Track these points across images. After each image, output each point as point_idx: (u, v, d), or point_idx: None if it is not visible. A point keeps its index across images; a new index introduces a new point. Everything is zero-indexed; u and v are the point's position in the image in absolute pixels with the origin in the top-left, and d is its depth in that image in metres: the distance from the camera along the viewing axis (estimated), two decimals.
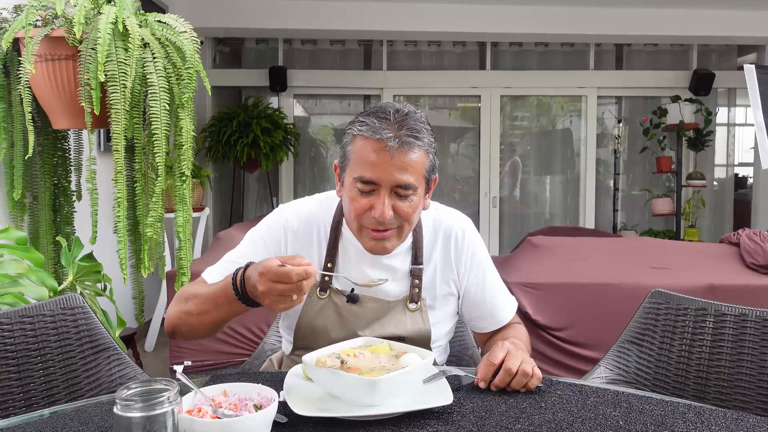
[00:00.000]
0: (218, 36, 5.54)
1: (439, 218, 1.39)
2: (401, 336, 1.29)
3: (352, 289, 1.30)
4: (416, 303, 1.32)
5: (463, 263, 1.37)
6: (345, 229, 1.33)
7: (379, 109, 1.23)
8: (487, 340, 1.44)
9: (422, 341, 1.31)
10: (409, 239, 1.34)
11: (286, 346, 1.43)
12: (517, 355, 1.13)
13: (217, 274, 1.30)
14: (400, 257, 1.33)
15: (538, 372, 1.12)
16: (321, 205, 1.38)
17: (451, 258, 1.37)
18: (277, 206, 1.43)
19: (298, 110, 5.88)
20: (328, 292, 1.32)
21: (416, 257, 1.33)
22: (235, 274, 1.14)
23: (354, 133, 1.22)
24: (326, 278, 1.32)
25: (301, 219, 1.35)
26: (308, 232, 1.34)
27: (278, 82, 5.32)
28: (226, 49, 5.83)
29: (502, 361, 1.11)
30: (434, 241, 1.37)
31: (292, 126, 5.36)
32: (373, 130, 1.18)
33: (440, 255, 1.36)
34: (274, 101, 5.54)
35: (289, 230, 1.34)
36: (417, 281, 1.32)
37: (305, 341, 1.33)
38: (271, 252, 1.32)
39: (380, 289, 1.31)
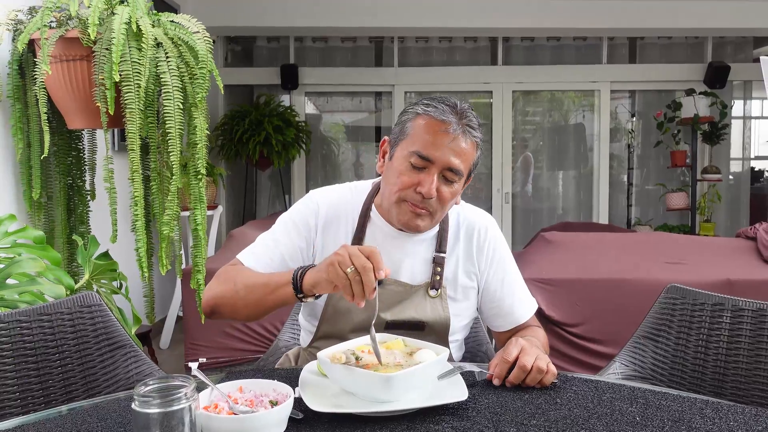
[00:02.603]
0: (229, 35, 5.56)
1: (462, 214, 1.43)
2: (421, 320, 1.33)
3: None
4: (437, 290, 1.36)
5: (484, 258, 1.41)
6: (374, 214, 1.38)
7: (442, 98, 1.31)
8: (505, 340, 1.44)
9: (441, 328, 1.34)
10: (436, 227, 1.39)
11: (305, 338, 1.46)
12: (531, 351, 1.12)
13: (251, 254, 1.37)
14: (425, 244, 1.38)
15: (552, 368, 1.11)
16: (351, 193, 1.43)
17: (473, 252, 1.41)
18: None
19: (310, 108, 5.89)
20: None
21: (440, 245, 1.38)
22: (296, 272, 1.19)
23: (418, 111, 1.29)
24: None
25: (331, 204, 1.40)
26: (337, 216, 1.39)
27: (290, 80, 5.33)
28: (238, 47, 5.85)
29: (517, 358, 1.11)
30: (457, 235, 1.41)
31: (303, 124, 5.36)
32: (440, 111, 1.26)
33: (462, 248, 1.40)
34: (285, 99, 5.55)
35: (319, 214, 1.39)
36: (439, 269, 1.37)
37: (329, 324, 1.37)
38: (301, 234, 1.37)
39: (403, 274, 1.36)
